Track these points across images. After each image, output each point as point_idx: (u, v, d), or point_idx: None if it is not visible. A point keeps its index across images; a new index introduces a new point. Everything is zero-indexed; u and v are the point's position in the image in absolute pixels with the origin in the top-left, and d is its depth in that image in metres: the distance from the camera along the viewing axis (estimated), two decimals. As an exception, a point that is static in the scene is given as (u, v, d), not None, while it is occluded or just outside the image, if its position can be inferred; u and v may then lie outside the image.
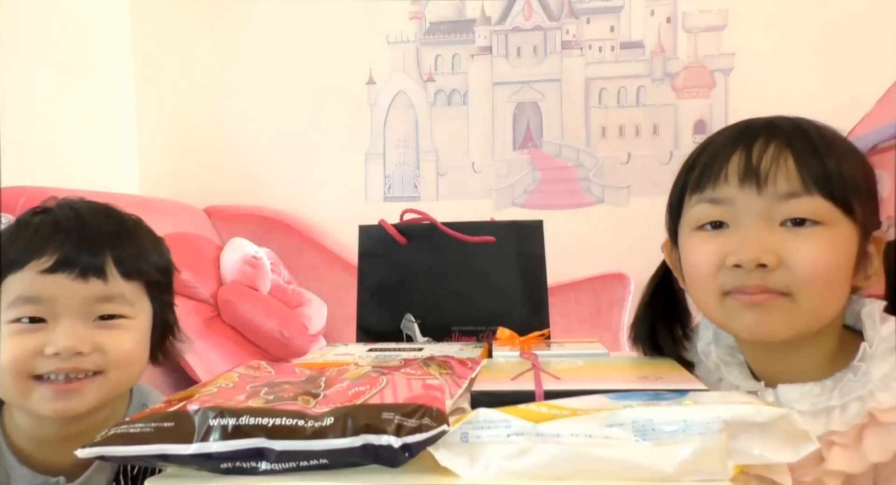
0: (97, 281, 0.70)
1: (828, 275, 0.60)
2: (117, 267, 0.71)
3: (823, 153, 0.60)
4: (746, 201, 0.61)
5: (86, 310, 0.70)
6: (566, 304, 2.01)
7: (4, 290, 0.69)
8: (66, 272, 0.68)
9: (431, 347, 0.82)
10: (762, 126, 0.63)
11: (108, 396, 0.72)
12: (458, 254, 0.97)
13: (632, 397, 0.48)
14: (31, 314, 0.68)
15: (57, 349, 0.67)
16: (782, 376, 0.65)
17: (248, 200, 2.29)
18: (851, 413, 0.59)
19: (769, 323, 0.61)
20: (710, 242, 0.63)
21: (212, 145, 2.32)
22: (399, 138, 2.30)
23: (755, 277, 0.60)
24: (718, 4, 2.12)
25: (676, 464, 0.42)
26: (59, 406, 0.69)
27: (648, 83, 2.17)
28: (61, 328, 0.68)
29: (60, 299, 0.69)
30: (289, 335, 1.88)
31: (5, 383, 0.69)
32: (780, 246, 0.59)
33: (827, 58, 1.96)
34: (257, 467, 0.44)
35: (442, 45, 2.28)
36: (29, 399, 0.69)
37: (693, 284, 0.67)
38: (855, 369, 0.61)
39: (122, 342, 0.72)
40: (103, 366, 0.70)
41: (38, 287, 0.68)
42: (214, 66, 2.34)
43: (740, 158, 0.61)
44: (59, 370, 0.68)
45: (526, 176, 2.24)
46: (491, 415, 0.45)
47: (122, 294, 0.72)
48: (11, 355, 0.68)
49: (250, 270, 1.93)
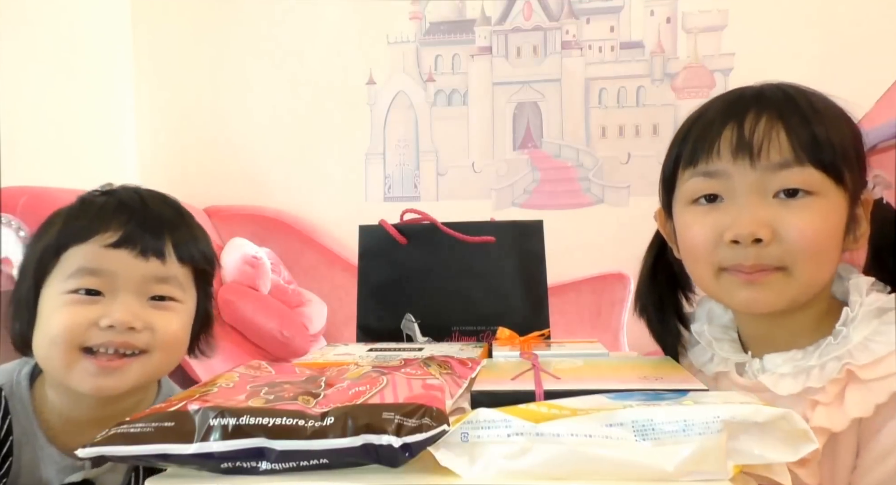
0: (156, 261, 0.72)
1: (820, 245, 0.61)
2: (175, 250, 0.74)
3: (814, 123, 0.61)
4: (740, 174, 0.62)
5: (142, 288, 0.72)
6: (566, 304, 2.01)
7: (65, 261, 0.71)
8: (129, 249, 0.71)
9: (431, 347, 0.82)
10: (752, 97, 0.64)
11: (147, 377, 0.74)
12: (458, 254, 0.97)
13: (632, 397, 0.48)
14: (90, 286, 0.70)
15: (112, 322, 0.69)
16: (771, 346, 0.67)
17: (248, 200, 2.29)
18: (829, 371, 0.61)
19: (764, 298, 0.63)
20: (705, 217, 0.65)
21: (212, 145, 2.32)
22: (399, 138, 2.30)
23: (751, 255, 0.62)
24: (718, 4, 2.12)
25: (676, 464, 0.42)
26: (101, 383, 0.70)
27: (648, 83, 2.17)
28: (118, 303, 0.70)
29: (120, 275, 0.71)
30: (289, 335, 1.88)
31: (53, 353, 0.70)
32: (773, 219, 0.61)
33: (827, 58, 1.96)
34: (258, 467, 0.44)
35: (442, 46, 2.28)
36: (71, 372, 0.70)
37: (689, 259, 0.69)
38: (836, 333, 0.62)
39: (170, 323, 0.73)
40: (150, 345, 0.72)
41: (100, 260, 0.70)
42: (214, 66, 2.34)
43: (732, 132, 0.62)
44: (111, 344, 0.70)
45: (526, 176, 2.24)
46: (491, 415, 0.45)
47: (177, 277, 0.74)
48: (66, 324, 0.69)
49: (250, 270, 1.93)
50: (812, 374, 0.62)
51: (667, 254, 0.75)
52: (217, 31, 2.33)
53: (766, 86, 0.66)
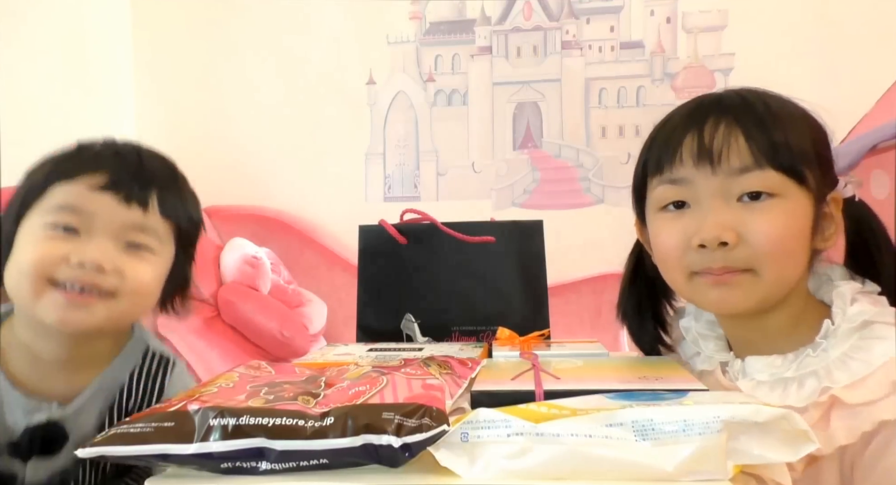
0: (138, 209, 0.73)
1: (785, 246, 0.62)
2: (159, 203, 0.75)
3: (771, 126, 0.62)
4: (703, 181, 0.63)
5: (119, 234, 0.73)
6: (566, 304, 2.01)
7: (49, 196, 0.72)
8: (114, 194, 0.72)
9: (431, 347, 0.82)
10: (711, 104, 0.66)
11: (114, 321, 0.74)
12: (458, 254, 0.97)
13: (632, 397, 0.48)
14: (68, 222, 0.71)
15: (82, 260, 0.70)
16: (753, 347, 0.67)
17: (248, 200, 2.28)
18: (808, 389, 0.61)
19: (733, 298, 0.64)
20: (674, 223, 0.66)
21: (212, 145, 2.32)
22: (399, 138, 2.30)
23: (718, 258, 0.63)
24: (718, 4, 2.12)
25: (676, 464, 0.42)
26: (68, 315, 0.70)
27: (648, 83, 2.17)
28: (93, 243, 0.71)
29: (100, 217, 0.72)
30: (289, 335, 1.88)
31: (22, 283, 0.71)
32: (738, 222, 0.62)
33: (827, 58, 1.96)
34: (257, 467, 0.44)
35: (442, 46, 2.28)
36: (39, 302, 0.70)
37: (662, 265, 0.70)
38: (815, 345, 0.63)
39: (141, 272, 0.74)
40: (118, 289, 0.72)
41: (83, 200, 0.72)
42: (214, 66, 2.34)
43: (693, 140, 0.64)
44: (77, 280, 0.70)
45: (526, 176, 2.24)
46: (491, 415, 0.45)
47: (156, 229, 0.75)
48: (37, 256, 0.70)
49: (250, 270, 1.93)
50: (790, 390, 0.62)
51: (646, 259, 0.77)
52: (217, 30, 2.33)
53: (726, 92, 0.68)
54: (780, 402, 0.61)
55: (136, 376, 0.80)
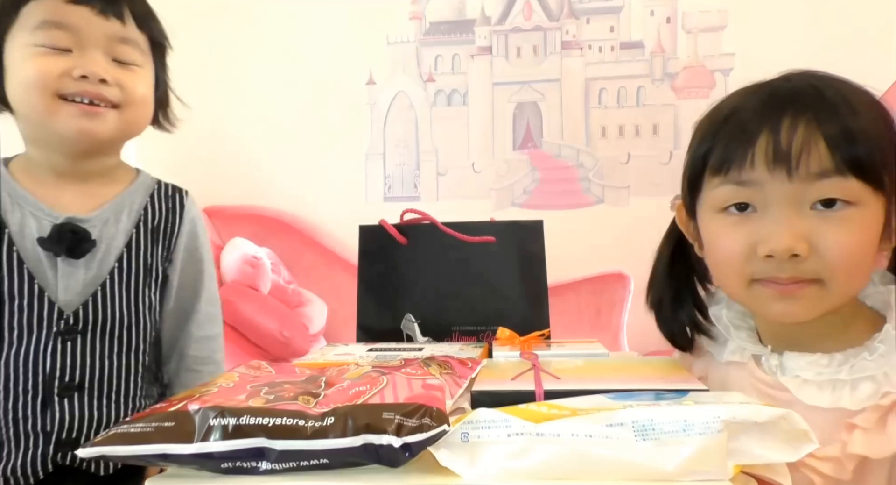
0: (116, 21, 0.76)
1: (858, 258, 0.59)
2: (132, 14, 0.79)
3: (855, 131, 0.57)
4: (776, 186, 0.58)
5: (106, 47, 0.76)
6: (566, 304, 2.01)
7: (25, 15, 0.74)
8: (89, 6, 0.75)
9: (431, 347, 0.82)
10: (786, 98, 0.60)
11: (122, 131, 0.79)
12: (458, 254, 0.97)
13: (632, 397, 0.48)
14: (57, 41, 0.74)
15: (85, 72, 0.73)
16: (793, 344, 0.64)
17: (248, 200, 2.29)
18: (864, 393, 0.58)
19: (800, 310, 0.61)
20: (737, 228, 0.62)
21: (212, 145, 2.32)
22: (399, 138, 2.30)
23: (787, 268, 0.59)
24: (718, 4, 2.12)
25: (676, 464, 0.42)
26: (85, 124, 0.75)
27: (648, 83, 2.17)
28: (88, 57, 0.75)
29: (84, 30, 0.75)
30: (289, 335, 1.88)
31: (32, 100, 0.74)
32: (811, 232, 0.58)
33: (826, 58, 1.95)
34: (258, 467, 0.44)
35: (442, 46, 2.28)
36: (56, 117, 0.74)
37: (719, 268, 0.66)
38: (872, 348, 0.60)
39: (137, 83, 0.79)
40: (121, 101, 0.77)
41: (63, 14, 0.74)
42: (214, 66, 2.34)
43: (768, 141, 0.58)
44: (85, 93, 0.75)
45: (526, 176, 2.24)
46: (491, 415, 0.45)
47: (137, 42, 0.80)
48: (38, 71, 0.73)
49: (250, 270, 1.93)
50: (843, 391, 0.59)
51: (685, 246, 0.73)
52: (217, 30, 2.33)
53: (798, 82, 0.62)
54: (830, 404, 0.59)
55: (155, 197, 0.86)
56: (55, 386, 0.75)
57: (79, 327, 0.76)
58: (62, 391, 0.75)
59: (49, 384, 0.75)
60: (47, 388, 0.74)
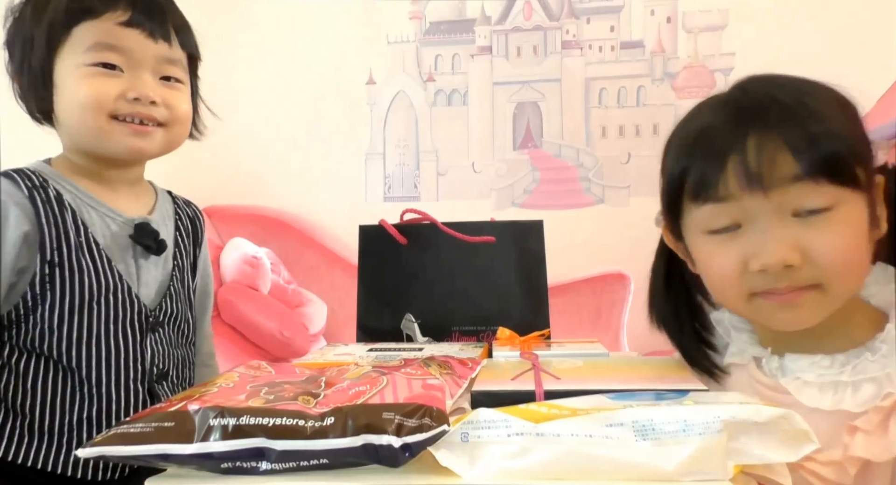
0: (164, 43, 0.80)
1: (852, 257, 0.59)
2: (176, 34, 0.82)
3: (818, 135, 0.57)
4: (755, 202, 0.59)
5: (154, 67, 0.80)
6: (566, 304, 2.01)
7: (77, 35, 0.77)
8: (140, 29, 0.78)
9: (431, 347, 0.82)
10: (749, 115, 0.60)
11: (166, 147, 0.83)
12: (458, 254, 0.97)
13: (632, 397, 0.48)
14: (110, 61, 0.77)
15: (138, 95, 0.77)
16: (793, 345, 0.64)
17: (248, 200, 2.28)
18: (866, 395, 0.58)
19: (804, 316, 0.61)
20: (727, 246, 0.62)
21: (211, 145, 2.31)
22: (399, 138, 2.30)
23: (783, 278, 0.59)
24: (718, 4, 2.12)
25: (676, 464, 0.42)
26: (136, 143, 0.79)
27: (648, 83, 2.17)
28: (140, 79, 0.78)
29: (136, 53, 0.78)
30: (289, 335, 1.88)
31: (87, 120, 0.77)
32: (799, 241, 0.58)
33: (827, 58, 1.95)
34: (258, 467, 0.44)
35: (442, 45, 2.28)
36: (110, 136, 0.78)
37: (715, 288, 0.66)
38: (874, 348, 0.60)
39: (181, 102, 0.83)
40: (167, 120, 0.81)
41: (116, 37, 0.77)
42: (213, 66, 2.32)
43: (736, 165, 0.59)
44: (136, 114, 0.78)
45: (526, 176, 2.24)
46: (491, 415, 0.45)
47: (180, 60, 0.83)
48: (94, 93, 0.76)
49: (250, 270, 1.93)
50: (845, 393, 0.59)
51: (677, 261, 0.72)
52: (216, 30, 2.31)
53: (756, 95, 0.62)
54: (832, 405, 0.59)
55: (178, 206, 0.92)
56: (154, 374, 0.81)
57: (160, 320, 0.82)
58: (159, 379, 0.81)
59: (150, 372, 0.80)
60: (149, 376, 0.80)
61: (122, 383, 0.78)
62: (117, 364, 0.77)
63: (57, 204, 0.76)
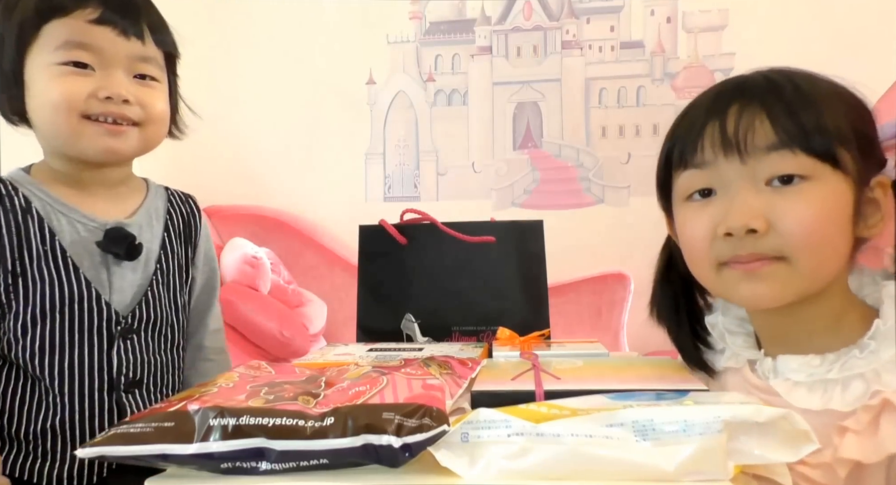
0: (137, 41, 0.78)
1: (820, 233, 0.58)
2: (150, 32, 0.80)
3: (800, 107, 0.58)
4: (731, 168, 0.60)
5: (128, 66, 0.78)
6: (566, 304, 2.01)
7: (47, 33, 0.75)
8: (111, 26, 0.76)
9: (431, 347, 0.82)
10: (734, 89, 0.62)
11: (142, 147, 0.81)
12: (458, 254, 0.97)
13: (632, 397, 0.48)
14: (81, 59, 0.75)
15: (110, 94, 0.75)
16: (787, 345, 0.64)
17: (248, 200, 2.28)
18: (854, 393, 0.57)
19: (768, 291, 0.60)
20: (700, 212, 0.63)
21: (211, 145, 2.31)
22: (399, 138, 2.30)
23: (748, 245, 0.59)
24: (718, 4, 2.12)
25: (676, 464, 0.42)
26: (109, 143, 0.77)
27: (648, 83, 2.17)
28: (112, 78, 0.76)
29: (107, 51, 0.76)
30: (289, 335, 1.88)
31: (58, 121, 0.75)
32: (768, 208, 0.58)
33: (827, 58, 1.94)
34: (257, 467, 0.44)
35: (442, 45, 2.28)
36: (81, 136, 0.76)
37: (690, 258, 0.67)
38: (863, 346, 0.59)
39: (156, 101, 0.81)
40: (142, 119, 0.79)
41: (87, 35, 0.75)
42: (213, 66, 2.33)
43: (715, 130, 0.60)
44: (109, 113, 0.76)
45: (526, 176, 2.24)
46: (491, 415, 0.45)
47: (155, 58, 0.81)
48: (65, 92, 0.74)
49: (250, 270, 1.93)
50: (833, 393, 0.58)
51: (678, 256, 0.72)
52: (217, 30, 2.33)
53: (751, 74, 0.64)
54: (821, 405, 0.58)
55: (173, 203, 0.90)
56: (122, 383, 0.79)
57: (134, 327, 0.80)
58: (128, 387, 0.79)
59: (117, 381, 0.79)
60: (116, 385, 0.78)
61: (86, 392, 0.76)
62: (81, 373, 0.76)
63: (22, 212, 0.75)
